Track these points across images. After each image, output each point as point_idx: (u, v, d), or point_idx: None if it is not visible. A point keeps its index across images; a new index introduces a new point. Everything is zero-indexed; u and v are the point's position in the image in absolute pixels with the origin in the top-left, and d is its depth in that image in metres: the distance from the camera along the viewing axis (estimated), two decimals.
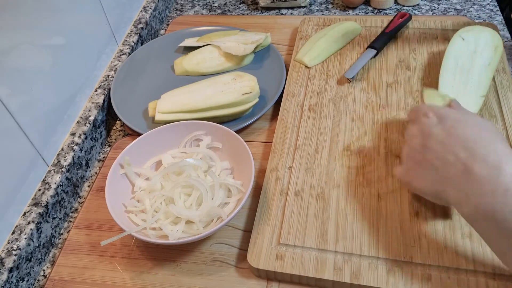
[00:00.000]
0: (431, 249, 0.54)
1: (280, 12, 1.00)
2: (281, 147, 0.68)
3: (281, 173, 0.64)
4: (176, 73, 0.85)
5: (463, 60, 0.71)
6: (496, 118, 0.68)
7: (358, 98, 0.73)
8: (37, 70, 0.64)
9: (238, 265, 0.58)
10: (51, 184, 0.64)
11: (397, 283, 0.52)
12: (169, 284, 0.57)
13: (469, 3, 0.95)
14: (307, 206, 0.60)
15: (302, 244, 0.56)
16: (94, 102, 0.76)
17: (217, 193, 0.60)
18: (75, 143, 0.69)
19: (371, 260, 0.54)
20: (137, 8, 0.96)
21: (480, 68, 0.70)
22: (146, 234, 0.57)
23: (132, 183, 0.64)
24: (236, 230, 0.62)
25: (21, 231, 0.58)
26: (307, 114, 0.72)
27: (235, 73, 0.76)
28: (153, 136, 0.66)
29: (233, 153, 0.65)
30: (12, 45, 0.59)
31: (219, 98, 0.72)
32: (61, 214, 0.65)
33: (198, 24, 0.96)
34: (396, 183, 0.61)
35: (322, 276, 0.53)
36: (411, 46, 0.81)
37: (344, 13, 0.97)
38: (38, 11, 0.64)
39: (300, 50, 0.83)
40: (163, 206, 0.60)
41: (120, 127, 0.81)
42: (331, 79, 0.77)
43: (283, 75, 0.79)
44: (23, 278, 0.58)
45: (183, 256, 0.60)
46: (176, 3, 1.09)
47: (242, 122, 0.72)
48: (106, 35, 0.84)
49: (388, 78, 0.76)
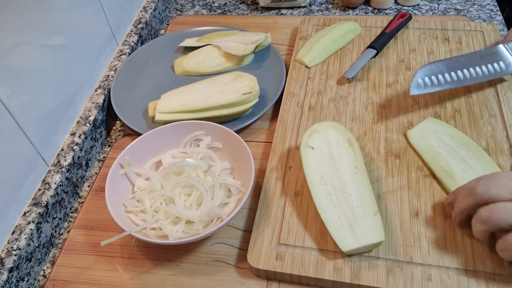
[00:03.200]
0: (431, 249, 0.54)
1: (280, 12, 1.00)
2: (281, 147, 0.68)
3: (281, 173, 0.64)
4: (176, 73, 0.85)
5: (329, 177, 0.59)
6: (496, 118, 0.68)
7: (358, 98, 0.73)
8: (37, 70, 0.64)
9: (238, 265, 0.58)
10: (51, 184, 0.64)
11: (397, 283, 0.52)
12: (169, 284, 0.57)
13: (469, 3, 0.95)
14: (307, 206, 0.60)
15: (302, 244, 0.56)
16: (94, 102, 0.76)
17: (217, 193, 0.60)
18: (75, 143, 0.69)
19: (371, 260, 0.54)
20: (137, 8, 0.96)
21: (352, 178, 0.58)
22: (146, 234, 0.57)
23: (132, 183, 0.64)
24: (236, 230, 0.62)
25: (21, 231, 0.58)
26: (307, 114, 0.72)
27: (235, 73, 0.76)
28: (153, 136, 0.66)
29: (233, 153, 0.65)
30: (12, 45, 0.59)
31: (219, 98, 0.72)
32: (61, 214, 0.65)
33: (198, 24, 0.96)
34: (396, 183, 0.61)
35: (322, 276, 0.53)
36: (411, 46, 0.81)
37: (344, 13, 0.97)
38: (38, 11, 0.64)
39: (300, 50, 0.83)
40: (163, 206, 0.60)
41: (120, 127, 0.81)
42: (331, 79, 0.77)
43: (283, 75, 0.79)
44: (23, 278, 0.58)
45: (183, 256, 0.60)
46: (176, 3, 1.09)
47: (242, 122, 0.72)
48: (106, 35, 0.84)
49: (388, 78, 0.76)
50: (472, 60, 0.70)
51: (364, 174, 0.59)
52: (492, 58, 0.71)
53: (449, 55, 0.78)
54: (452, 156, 0.61)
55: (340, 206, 0.56)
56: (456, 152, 0.62)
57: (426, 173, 0.62)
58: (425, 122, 0.66)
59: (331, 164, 0.60)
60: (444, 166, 0.61)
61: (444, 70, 0.69)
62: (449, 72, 0.69)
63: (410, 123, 0.68)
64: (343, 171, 0.59)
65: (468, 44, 0.80)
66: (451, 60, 0.70)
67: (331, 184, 0.58)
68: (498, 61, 0.71)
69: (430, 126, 0.66)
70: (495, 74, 0.70)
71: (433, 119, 0.66)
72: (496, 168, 0.59)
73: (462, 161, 0.61)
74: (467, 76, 0.69)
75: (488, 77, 0.70)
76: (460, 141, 0.63)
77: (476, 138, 0.65)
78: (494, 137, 0.65)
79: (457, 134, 0.64)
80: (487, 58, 0.71)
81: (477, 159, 0.60)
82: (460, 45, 0.80)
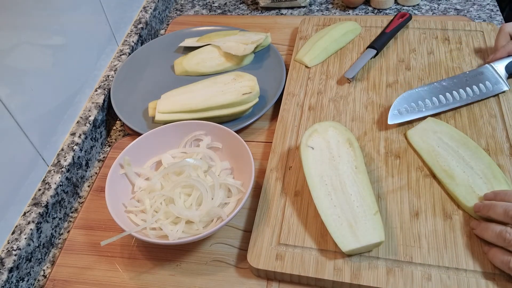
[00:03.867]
0: (431, 249, 0.54)
1: (280, 12, 1.00)
2: (281, 147, 0.68)
3: (281, 173, 0.64)
4: (176, 73, 0.85)
5: (329, 177, 0.59)
6: (496, 118, 0.68)
7: (358, 98, 0.73)
8: (37, 70, 0.64)
9: (238, 265, 0.58)
10: (51, 184, 0.64)
11: (397, 283, 0.52)
12: (169, 284, 0.57)
13: (469, 3, 0.95)
14: (307, 206, 0.60)
15: (302, 244, 0.56)
16: (94, 102, 0.76)
17: (217, 193, 0.60)
18: (75, 143, 0.69)
19: (371, 260, 0.54)
20: (137, 8, 0.96)
21: (352, 178, 0.58)
22: (146, 234, 0.57)
23: (132, 183, 0.64)
24: (236, 230, 0.62)
25: (21, 231, 0.58)
26: (307, 114, 0.72)
27: (235, 73, 0.76)
28: (153, 136, 0.66)
29: (233, 153, 0.65)
30: (12, 45, 0.59)
31: (219, 98, 0.72)
32: (61, 214, 0.65)
33: (198, 24, 0.96)
34: (396, 183, 0.61)
35: (322, 276, 0.53)
36: (411, 46, 0.81)
37: (344, 13, 0.97)
38: (38, 11, 0.64)
39: (300, 50, 0.83)
40: (163, 206, 0.60)
41: (120, 127, 0.81)
42: (331, 79, 0.77)
43: (283, 75, 0.79)
44: (23, 278, 0.58)
45: (183, 256, 0.60)
46: (176, 3, 1.09)
47: (242, 122, 0.72)
48: (106, 35, 0.84)
49: (388, 78, 0.76)
50: (456, 83, 0.70)
51: (364, 174, 0.59)
52: (478, 79, 0.70)
53: (449, 55, 0.78)
54: (452, 156, 0.61)
55: (340, 206, 0.56)
56: (456, 152, 0.62)
57: (426, 173, 0.62)
58: (425, 122, 0.66)
59: (331, 164, 0.60)
60: (444, 166, 0.61)
61: (425, 95, 0.68)
62: (430, 97, 0.68)
63: (410, 123, 0.68)
64: (343, 171, 0.59)
65: (468, 44, 0.80)
66: (433, 85, 0.70)
67: (331, 184, 0.58)
68: (484, 82, 0.70)
69: (430, 126, 0.66)
70: (480, 95, 0.69)
71: (433, 119, 0.66)
72: (496, 168, 0.59)
73: (462, 161, 0.61)
74: (450, 99, 0.68)
75: (473, 98, 0.69)
76: (460, 141, 0.63)
77: (476, 138, 0.65)
78: (494, 137, 0.65)
79: (457, 134, 0.64)
80: (472, 80, 0.70)
81: (477, 159, 0.60)
82: (460, 45, 0.80)
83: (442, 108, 0.68)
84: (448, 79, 0.70)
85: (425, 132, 0.65)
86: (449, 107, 0.68)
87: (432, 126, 0.66)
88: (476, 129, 0.66)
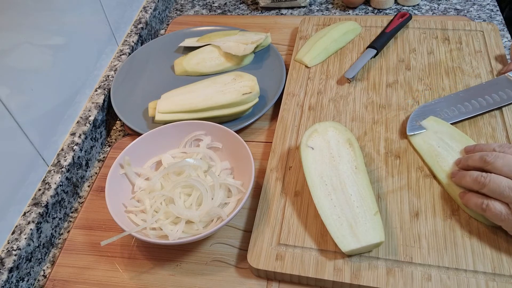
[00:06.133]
0: (431, 249, 0.54)
1: (280, 12, 1.00)
2: (281, 147, 0.68)
3: (281, 173, 0.64)
4: (176, 73, 0.84)
5: (329, 177, 0.59)
6: (496, 118, 0.68)
7: (358, 98, 0.73)
8: (37, 70, 0.64)
9: (238, 265, 0.58)
10: (51, 184, 0.64)
11: (397, 283, 0.52)
12: (169, 284, 0.57)
13: (469, 3, 0.95)
14: (307, 206, 0.60)
15: (302, 244, 0.56)
16: (94, 102, 0.76)
17: (217, 193, 0.60)
18: (75, 143, 0.69)
19: (371, 261, 0.54)
20: (137, 8, 0.96)
21: (352, 178, 0.58)
22: (146, 234, 0.57)
23: (132, 183, 0.64)
24: (236, 230, 0.62)
25: (21, 231, 0.58)
26: (307, 114, 0.72)
27: (235, 73, 0.76)
28: (153, 136, 0.66)
29: (233, 153, 0.65)
30: (12, 45, 0.59)
31: (219, 98, 0.72)
32: (61, 214, 0.65)
33: (198, 24, 0.96)
34: (396, 183, 0.61)
35: (322, 276, 0.53)
36: (411, 46, 0.81)
37: (344, 13, 0.97)
38: (38, 11, 0.64)
39: (300, 50, 0.83)
40: (163, 206, 0.60)
41: (120, 127, 0.81)
42: (331, 79, 0.77)
43: (283, 75, 0.79)
44: (23, 278, 0.58)
45: (183, 256, 0.60)
46: (176, 3, 1.08)
47: (242, 122, 0.72)
48: (106, 35, 0.84)
49: (388, 78, 0.76)
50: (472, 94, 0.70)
51: (364, 174, 0.59)
52: (495, 88, 0.69)
53: (449, 55, 0.78)
54: (452, 156, 0.61)
55: (340, 206, 0.56)
56: (456, 152, 0.62)
57: (426, 173, 0.62)
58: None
59: (331, 164, 0.60)
60: (444, 166, 0.61)
61: (443, 106, 0.68)
62: (448, 107, 0.68)
63: None
64: (343, 171, 0.59)
65: (468, 44, 0.80)
66: (449, 96, 0.70)
67: (331, 184, 0.58)
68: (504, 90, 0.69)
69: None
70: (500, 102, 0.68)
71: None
72: None
73: None
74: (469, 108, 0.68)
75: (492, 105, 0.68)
76: (460, 141, 0.63)
77: (476, 138, 0.65)
78: (494, 137, 0.65)
79: (457, 134, 0.64)
80: (489, 89, 0.70)
81: None
82: (460, 45, 0.80)
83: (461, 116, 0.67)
84: (465, 90, 0.70)
85: (426, 132, 0.65)
86: (468, 115, 0.67)
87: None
88: (476, 129, 0.66)
